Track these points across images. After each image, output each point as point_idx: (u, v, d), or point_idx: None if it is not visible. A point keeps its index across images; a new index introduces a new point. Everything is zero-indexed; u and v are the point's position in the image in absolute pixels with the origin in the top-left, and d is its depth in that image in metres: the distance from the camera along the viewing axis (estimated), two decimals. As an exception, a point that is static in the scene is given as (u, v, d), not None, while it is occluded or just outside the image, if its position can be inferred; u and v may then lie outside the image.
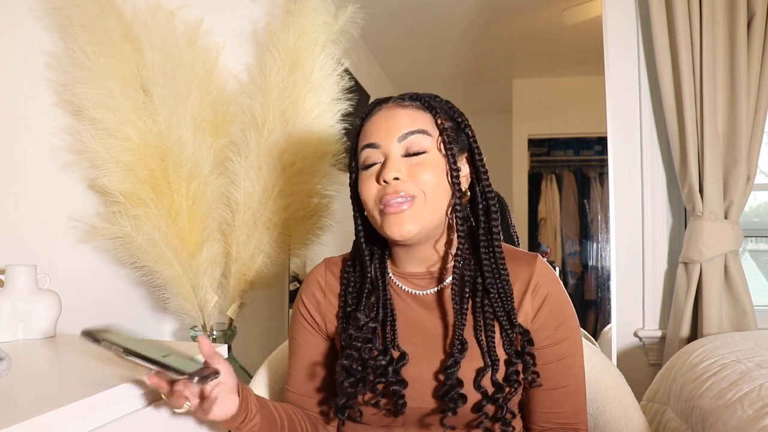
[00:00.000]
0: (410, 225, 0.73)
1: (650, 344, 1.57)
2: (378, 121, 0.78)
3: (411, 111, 0.77)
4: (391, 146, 0.75)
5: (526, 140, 4.05)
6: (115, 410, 0.69)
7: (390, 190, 0.74)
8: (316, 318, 0.86)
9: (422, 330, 0.80)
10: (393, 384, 0.74)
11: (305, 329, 0.87)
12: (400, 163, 0.75)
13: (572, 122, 3.95)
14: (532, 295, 0.80)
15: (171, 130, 1.23)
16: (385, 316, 0.79)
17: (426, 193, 0.74)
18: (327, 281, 0.86)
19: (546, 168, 4.57)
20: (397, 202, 0.73)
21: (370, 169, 0.77)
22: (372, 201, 0.76)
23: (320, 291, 0.86)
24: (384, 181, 0.74)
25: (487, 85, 3.98)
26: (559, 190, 4.54)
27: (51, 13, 1.17)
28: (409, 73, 3.66)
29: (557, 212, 4.48)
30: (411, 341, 0.79)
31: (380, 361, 0.75)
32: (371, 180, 0.77)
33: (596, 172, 4.54)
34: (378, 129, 0.77)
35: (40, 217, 1.16)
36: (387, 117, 0.77)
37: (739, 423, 0.87)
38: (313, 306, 0.86)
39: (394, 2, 2.53)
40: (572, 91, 3.79)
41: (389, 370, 0.75)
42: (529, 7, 2.66)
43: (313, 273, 0.89)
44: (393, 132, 0.76)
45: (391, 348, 0.77)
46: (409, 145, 0.75)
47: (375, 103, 0.81)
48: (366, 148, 0.78)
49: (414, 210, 0.74)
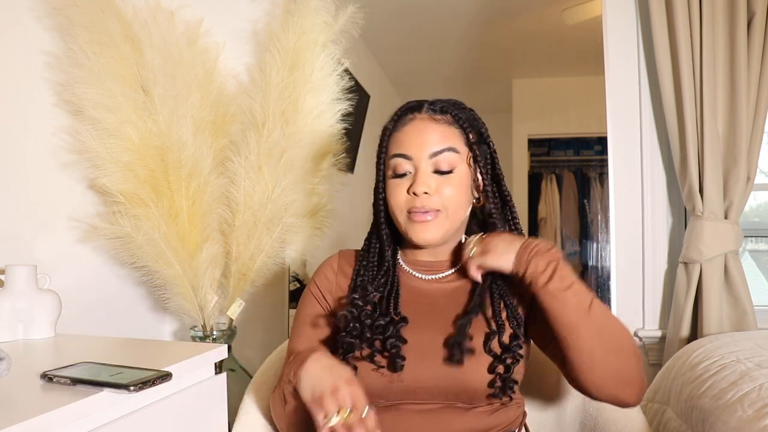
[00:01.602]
0: (433, 233, 0.83)
1: (650, 344, 1.57)
2: (411, 133, 0.84)
3: (443, 127, 0.84)
4: (422, 161, 0.83)
5: (526, 140, 4.07)
6: (115, 410, 0.69)
7: (418, 204, 0.82)
8: (326, 296, 0.92)
9: (428, 307, 0.86)
10: (390, 337, 0.79)
11: (314, 304, 0.92)
12: (429, 179, 0.83)
13: (572, 122, 3.95)
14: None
15: (171, 130, 1.23)
16: (391, 289, 0.86)
17: (449, 208, 0.83)
18: (339, 265, 0.93)
19: (546, 168, 4.58)
20: (423, 213, 0.82)
21: (400, 178, 0.85)
22: (399, 207, 0.84)
23: (332, 273, 0.93)
24: (414, 193, 0.82)
25: (487, 85, 3.99)
26: (559, 190, 4.54)
27: (51, 13, 1.17)
28: (409, 73, 3.66)
29: (557, 212, 4.48)
30: (416, 313, 0.84)
31: (379, 321, 0.81)
32: (401, 188, 0.84)
33: (596, 172, 4.55)
34: (411, 141, 0.84)
35: (40, 217, 1.16)
36: (420, 130, 0.84)
37: (739, 423, 0.87)
38: (324, 285, 0.92)
39: (394, 2, 2.53)
40: (572, 91, 3.80)
41: (389, 328, 0.80)
42: (529, 7, 2.66)
43: (328, 260, 0.96)
44: (425, 147, 0.83)
45: (392, 314, 0.83)
46: (439, 163, 0.83)
47: (408, 108, 0.87)
48: (398, 157, 0.84)
49: (437, 222, 0.83)
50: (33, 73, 1.16)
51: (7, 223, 1.09)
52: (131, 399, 0.71)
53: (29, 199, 1.14)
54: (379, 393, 0.80)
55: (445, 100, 0.87)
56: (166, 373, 0.70)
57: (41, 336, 0.97)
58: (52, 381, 0.67)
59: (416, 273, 0.90)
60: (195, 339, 1.37)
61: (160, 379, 0.69)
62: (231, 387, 1.00)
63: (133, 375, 0.68)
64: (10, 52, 1.11)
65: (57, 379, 0.67)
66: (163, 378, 0.69)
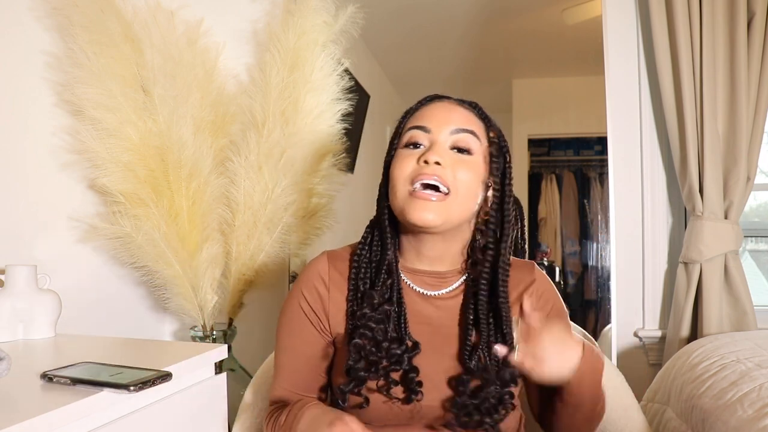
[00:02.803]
0: (434, 215, 0.73)
1: (650, 344, 1.57)
2: (435, 109, 0.79)
3: (468, 113, 0.80)
4: (442, 134, 0.76)
5: (526, 140, 4.06)
6: (115, 410, 0.69)
7: (429, 171, 0.73)
8: (318, 313, 0.82)
9: (430, 327, 0.80)
10: (408, 372, 0.74)
11: (304, 323, 0.83)
12: (446, 153, 0.75)
13: (572, 122, 3.95)
14: (530, 293, 0.84)
15: (171, 130, 1.23)
16: (398, 302, 0.79)
17: (459, 191, 0.74)
18: (331, 276, 0.83)
19: (546, 168, 4.57)
20: (428, 192, 0.73)
21: (412, 149, 0.77)
22: (403, 179, 0.75)
23: (323, 286, 0.83)
24: (425, 161, 0.74)
25: (487, 85, 3.98)
26: (559, 190, 4.53)
27: (51, 13, 1.17)
28: (409, 73, 3.66)
29: (557, 212, 4.47)
30: (419, 335, 0.79)
31: (395, 350, 0.75)
32: (410, 158, 0.76)
33: (596, 172, 4.54)
34: (433, 116, 0.78)
35: (40, 217, 1.16)
36: (445, 109, 0.79)
37: (739, 423, 0.87)
38: (314, 299, 0.82)
39: (394, 2, 2.53)
40: (572, 91, 3.80)
41: (405, 358, 0.75)
42: (529, 7, 2.66)
43: (315, 266, 0.85)
44: (448, 123, 0.77)
45: (405, 338, 0.77)
46: (460, 140, 0.76)
47: (432, 96, 0.82)
48: (414, 129, 0.78)
49: (443, 204, 0.74)
50: (33, 73, 1.16)
51: (7, 223, 1.09)
52: (131, 399, 0.70)
53: (29, 199, 1.14)
54: (387, 419, 0.77)
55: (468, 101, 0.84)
56: (166, 373, 0.70)
57: (41, 336, 0.97)
58: (52, 381, 0.67)
59: (416, 287, 0.83)
60: (195, 339, 1.37)
61: (160, 379, 0.69)
62: (231, 387, 1.00)
63: (133, 375, 0.68)
64: (10, 52, 1.10)
65: (57, 379, 0.67)
66: (163, 378, 0.69)
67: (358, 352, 0.74)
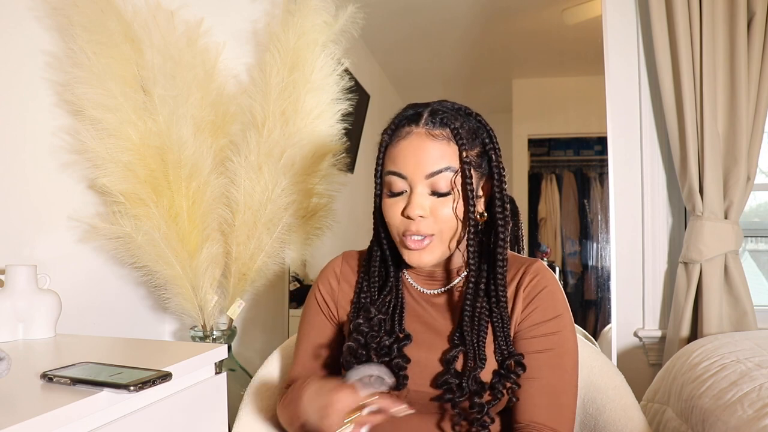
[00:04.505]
0: (427, 257, 0.81)
1: (650, 344, 1.57)
2: (407, 150, 0.79)
3: (440, 145, 0.78)
4: (418, 182, 0.79)
5: (526, 140, 4.05)
6: (115, 410, 0.69)
7: (413, 228, 0.79)
8: (329, 304, 0.92)
9: (427, 323, 0.85)
10: (396, 358, 0.80)
11: (317, 313, 0.93)
12: (425, 200, 0.79)
13: (572, 122, 3.94)
14: (530, 286, 0.84)
15: (171, 130, 1.23)
16: (395, 308, 0.86)
17: (444, 230, 0.80)
18: (342, 271, 0.93)
19: (546, 168, 4.56)
20: (417, 239, 0.80)
21: (395, 197, 0.82)
22: (395, 228, 0.82)
23: (335, 279, 0.93)
24: (408, 216, 0.79)
25: (487, 85, 3.98)
26: (559, 190, 4.53)
27: (51, 13, 1.17)
28: (409, 73, 3.65)
29: (557, 212, 4.47)
30: (415, 331, 0.84)
31: (385, 341, 0.82)
32: (396, 208, 0.81)
33: (596, 172, 4.53)
34: (406, 160, 0.79)
35: (40, 217, 1.16)
36: (416, 148, 0.79)
37: (739, 423, 0.87)
38: (327, 292, 0.93)
39: (394, 2, 2.53)
40: (572, 91, 3.78)
41: (393, 348, 0.81)
42: (529, 7, 2.65)
43: (331, 263, 0.96)
44: (421, 167, 0.78)
45: (397, 331, 0.83)
46: (434, 183, 0.79)
47: (405, 118, 0.82)
48: (393, 175, 0.81)
49: (432, 246, 0.80)
50: (33, 73, 1.16)
51: (7, 223, 1.09)
52: (131, 399, 0.71)
53: (29, 199, 1.14)
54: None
55: (448, 108, 0.81)
56: (166, 373, 0.70)
57: (41, 336, 0.97)
58: (52, 381, 0.68)
59: (418, 286, 0.89)
60: (195, 339, 1.37)
61: (160, 379, 0.69)
62: (231, 387, 1.00)
63: (133, 375, 0.68)
64: (10, 52, 1.10)
65: (57, 379, 0.67)
66: (163, 378, 0.69)
67: (350, 353, 0.82)
